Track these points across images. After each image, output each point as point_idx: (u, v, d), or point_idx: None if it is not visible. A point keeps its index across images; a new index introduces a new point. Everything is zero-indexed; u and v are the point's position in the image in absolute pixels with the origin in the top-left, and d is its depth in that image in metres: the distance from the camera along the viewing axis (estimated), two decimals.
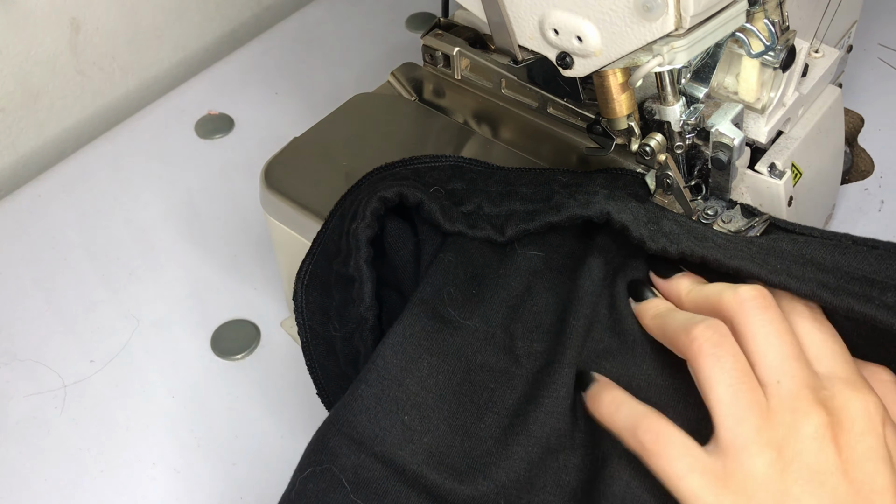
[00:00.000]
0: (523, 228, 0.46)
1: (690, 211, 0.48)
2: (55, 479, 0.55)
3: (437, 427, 0.42)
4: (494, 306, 0.45)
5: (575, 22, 0.43)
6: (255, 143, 0.75)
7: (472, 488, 0.41)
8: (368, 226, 0.46)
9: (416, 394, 0.43)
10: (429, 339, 0.44)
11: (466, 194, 0.48)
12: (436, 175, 0.50)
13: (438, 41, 0.60)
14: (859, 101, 0.71)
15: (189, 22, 0.84)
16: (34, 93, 0.75)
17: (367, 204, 0.47)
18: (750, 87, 0.48)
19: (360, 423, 0.42)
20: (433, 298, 0.45)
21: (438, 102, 0.60)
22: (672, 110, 0.46)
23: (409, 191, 0.47)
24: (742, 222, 0.47)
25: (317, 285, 0.50)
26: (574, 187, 0.48)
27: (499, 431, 0.42)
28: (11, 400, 0.59)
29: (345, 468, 0.41)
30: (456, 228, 0.47)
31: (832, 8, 0.53)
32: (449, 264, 0.47)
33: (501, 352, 0.44)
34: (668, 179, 0.47)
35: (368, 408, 0.42)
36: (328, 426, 0.42)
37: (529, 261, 0.47)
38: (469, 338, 0.44)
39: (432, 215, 0.47)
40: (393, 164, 0.51)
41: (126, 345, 0.62)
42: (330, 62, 0.82)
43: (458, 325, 0.45)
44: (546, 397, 0.42)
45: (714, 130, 0.47)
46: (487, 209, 0.48)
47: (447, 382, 0.43)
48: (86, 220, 0.70)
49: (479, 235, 0.47)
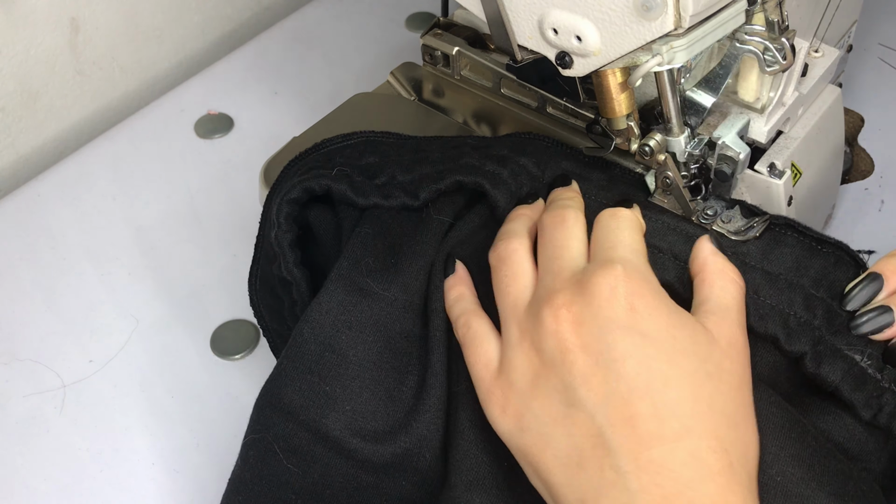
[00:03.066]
0: (435, 188, 0.47)
1: (690, 211, 0.47)
2: (54, 479, 0.55)
3: (359, 395, 0.45)
4: (412, 274, 0.47)
5: (574, 21, 0.43)
6: (255, 143, 0.75)
7: (394, 446, 0.44)
8: (286, 231, 0.48)
9: (336, 366, 0.45)
10: (346, 314, 0.46)
11: (380, 166, 0.49)
12: (348, 153, 0.51)
13: (438, 41, 0.60)
14: (859, 101, 0.71)
15: (189, 22, 0.84)
16: (34, 93, 0.75)
17: (278, 211, 0.48)
18: (750, 87, 0.48)
19: (285, 395, 0.45)
20: (351, 271, 0.47)
21: (438, 102, 0.60)
22: (677, 142, 0.47)
23: (314, 182, 0.48)
24: (742, 222, 0.47)
25: (267, 289, 0.52)
26: (483, 149, 0.49)
27: (417, 390, 0.45)
28: (10, 400, 0.59)
29: (277, 437, 0.45)
30: (370, 202, 0.48)
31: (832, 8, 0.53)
32: (366, 236, 0.48)
33: (420, 318, 0.47)
34: (667, 179, 0.47)
35: (292, 381, 0.45)
36: (261, 398, 0.46)
37: (444, 226, 0.48)
38: (388, 308, 0.46)
39: (343, 195, 0.48)
40: (305, 151, 0.52)
41: (125, 345, 0.62)
42: (329, 62, 0.82)
43: (378, 296, 0.46)
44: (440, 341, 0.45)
45: (720, 143, 0.47)
46: (400, 177, 0.49)
47: (367, 353, 0.46)
48: (85, 219, 0.70)
49: (394, 204, 0.48)
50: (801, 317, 0.42)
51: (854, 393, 0.41)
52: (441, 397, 0.44)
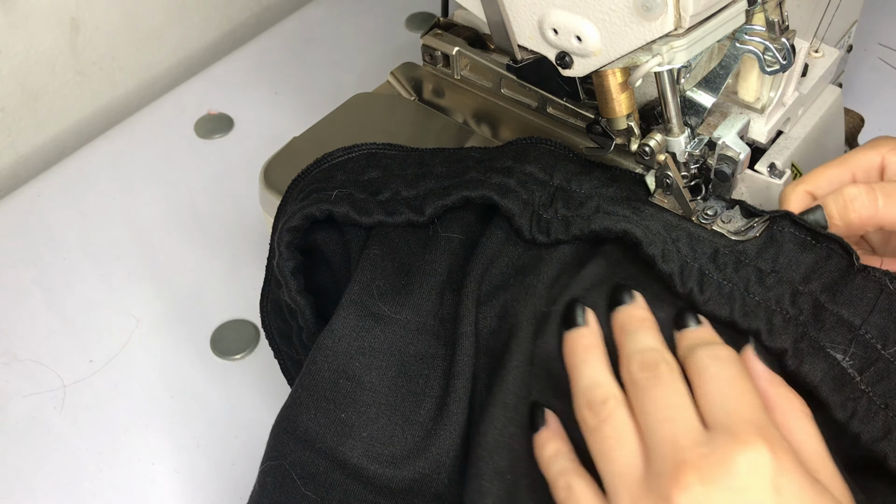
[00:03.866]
0: (441, 204, 0.47)
1: (690, 211, 0.47)
2: (54, 479, 0.55)
3: (375, 420, 0.44)
4: (424, 295, 0.47)
5: (574, 21, 0.43)
6: (255, 143, 0.75)
7: (412, 471, 0.43)
8: (288, 259, 0.48)
9: (351, 392, 0.45)
10: (359, 339, 0.46)
11: (383, 182, 0.48)
12: (350, 167, 0.50)
13: (438, 41, 0.60)
14: (859, 101, 0.71)
15: (189, 22, 0.84)
16: (34, 93, 0.75)
17: (279, 239, 0.48)
18: (750, 87, 0.48)
19: (301, 423, 0.45)
20: (362, 296, 0.46)
21: (438, 102, 0.60)
22: (677, 142, 0.47)
23: (314, 208, 0.47)
24: (742, 222, 0.47)
25: (277, 312, 0.52)
26: (487, 162, 0.49)
27: (436, 413, 0.44)
28: (11, 400, 0.59)
29: (294, 464, 0.45)
30: (374, 220, 0.47)
31: (832, 8, 0.53)
32: (375, 258, 0.47)
33: (433, 338, 0.46)
34: (667, 179, 0.47)
35: (308, 409, 0.45)
36: (277, 425, 0.46)
37: (453, 243, 0.48)
38: (401, 331, 0.46)
39: (346, 216, 0.47)
40: (307, 169, 0.51)
41: (125, 345, 0.62)
42: (330, 62, 0.82)
43: (390, 319, 0.46)
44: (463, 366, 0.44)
45: (721, 143, 0.47)
46: (405, 192, 0.48)
47: (381, 378, 0.45)
48: (85, 219, 0.70)
49: (399, 220, 0.47)
50: (787, 312, 0.42)
51: (832, 394, 0.41)
52: (461, 423, 0.43)
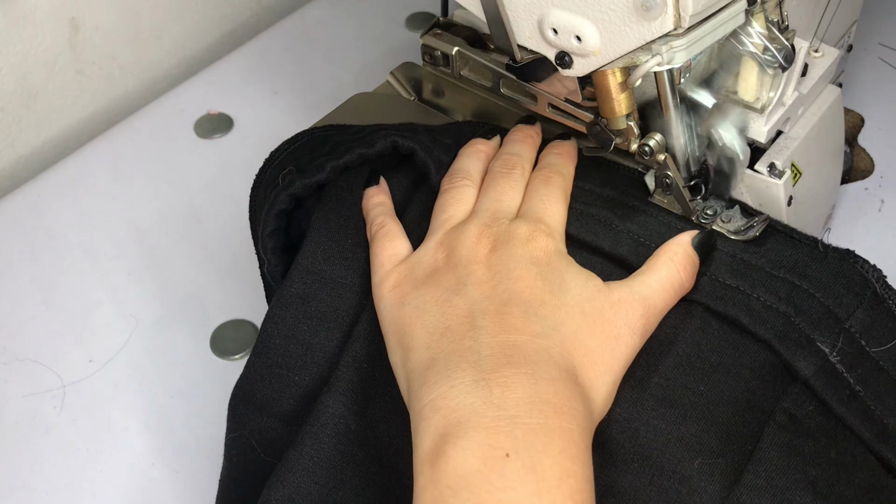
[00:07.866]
0: (391, 139, 0.49)
1: (690, 211, 0.48)
2: (54, 480, 0.55)
3: (326, 380, 0.45)
4: (366, 253, 0.48)
5: (574, 21, 0.43)
6: (255, 143, 0.75)
7: None
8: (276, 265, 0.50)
9: (301, 355, 0.47)
10: (305, 304, 0.47)
11: (330, 147, 0.51)
12: (298, 154, 0.52)
13: (438, 41, 0.59)
14: (859, 101, 0.71)
15: (189, 22, 0.84)
16: (34, 92, 0.75)
17: (263, 246, 0.50)
18: (749, 87, 0.48)
19: (257, 390, 0.47)
20: (309, 260, 0.48)
21: (438, 102, 0.60)
22: (677, 142, 0.47)
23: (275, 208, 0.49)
24: (741, 222, 0.47)
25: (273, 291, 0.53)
26: (434, 133, 0.52)
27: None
28: (10, 400, 0.59)
29: (253, 431, 0.46)
30: (325, 172, 0.49)
31: (832, 7, 0.53)
32: (321, 216, 0.49)
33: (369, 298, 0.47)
34: (667, 179, 0.47)
35: (262, 376, 0.47)
36: (234, 397, 0.47)
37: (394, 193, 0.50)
38: (346, 293, 0.48)
39: (301, 189, 0.49)
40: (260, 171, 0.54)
41: (125, 345, 0.62)
42: (329, 62, 0.82)
43: (334, 282, 0.48)
44: None
45: (720, 143, 0.47)
46: (349, 140, 0.51)
47: (328, 340, 0.47)
48: (85, 219, 0.70)
49: (350, 159, 0.49)
50: (766, 300, 0.43)
51: (827, 390, 0.41)
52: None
